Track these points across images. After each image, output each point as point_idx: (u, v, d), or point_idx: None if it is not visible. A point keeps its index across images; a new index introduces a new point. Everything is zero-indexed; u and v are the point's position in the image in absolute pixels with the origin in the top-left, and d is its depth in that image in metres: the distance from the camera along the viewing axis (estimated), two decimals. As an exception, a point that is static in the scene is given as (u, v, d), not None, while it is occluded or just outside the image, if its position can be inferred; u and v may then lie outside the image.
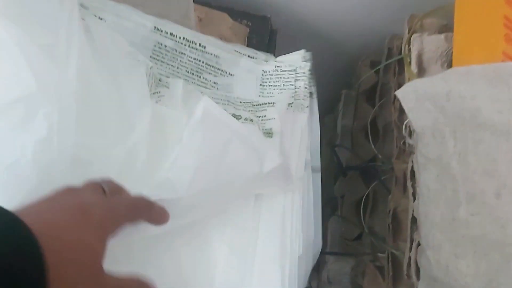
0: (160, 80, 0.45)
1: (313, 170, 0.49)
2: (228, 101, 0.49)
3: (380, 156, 0.61)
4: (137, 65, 0.43)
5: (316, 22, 0.66)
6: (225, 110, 0.43)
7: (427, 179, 0.42)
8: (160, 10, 0.49)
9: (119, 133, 0.39)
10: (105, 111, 0.39)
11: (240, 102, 0.50)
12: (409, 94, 0.42)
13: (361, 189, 0.64)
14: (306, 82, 0.50)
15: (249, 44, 0.55)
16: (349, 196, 0.64)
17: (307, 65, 0.51)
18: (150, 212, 0.35)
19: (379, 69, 0.66)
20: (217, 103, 0.47)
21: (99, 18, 0.46)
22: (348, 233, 0.64)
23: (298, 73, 0.50)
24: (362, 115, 0.65)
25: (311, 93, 0.51)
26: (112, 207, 0.32)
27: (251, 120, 0.47)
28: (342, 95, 0.72)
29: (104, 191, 0.33)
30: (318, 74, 0.54)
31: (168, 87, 0.45)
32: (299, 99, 0.50)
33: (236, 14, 0.57)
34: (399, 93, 0.43)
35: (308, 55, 0.52)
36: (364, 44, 0.70)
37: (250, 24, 0.57)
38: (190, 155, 0.39)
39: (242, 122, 0.46)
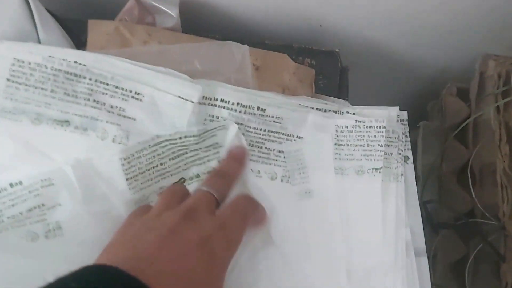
0: None
1: (417, 254, 0.38)
2: (300, 171, 0.39)
3: (484, 211, 0.49)
4: None
5: (388, 47, 0.54)
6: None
7: None
8: (212, 65, 0.38)
9: None
10: None
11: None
12: None
13: (459, 249, 0.52)
14: (401, 148, 0.39)
15: (316, 90, 0.44)
16: (443, 256, 0.53)
17: (403, 128, 0.40)
18: (255, 215, 0.34)
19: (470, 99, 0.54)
20: (284, 176, 0.38)
21: (135, 94, 0.36)
22: (445, 302, 0.53)
23: (390, 137, 0.39)
24: (453, 156, 0.53)
25: (405, 157, 0.40)
26: (228, 235, 0.29)
27: None
28: (420, 127, 0.60)
29: (213, 201, 0.31)
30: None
31: None
32: (390, 167, 0.39)
33: (296, 52, 0.46)
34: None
35: (404, 114, 0.40)
36: (445, 67, 0.58)
37: (314, 63, 0.46)
38: None
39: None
